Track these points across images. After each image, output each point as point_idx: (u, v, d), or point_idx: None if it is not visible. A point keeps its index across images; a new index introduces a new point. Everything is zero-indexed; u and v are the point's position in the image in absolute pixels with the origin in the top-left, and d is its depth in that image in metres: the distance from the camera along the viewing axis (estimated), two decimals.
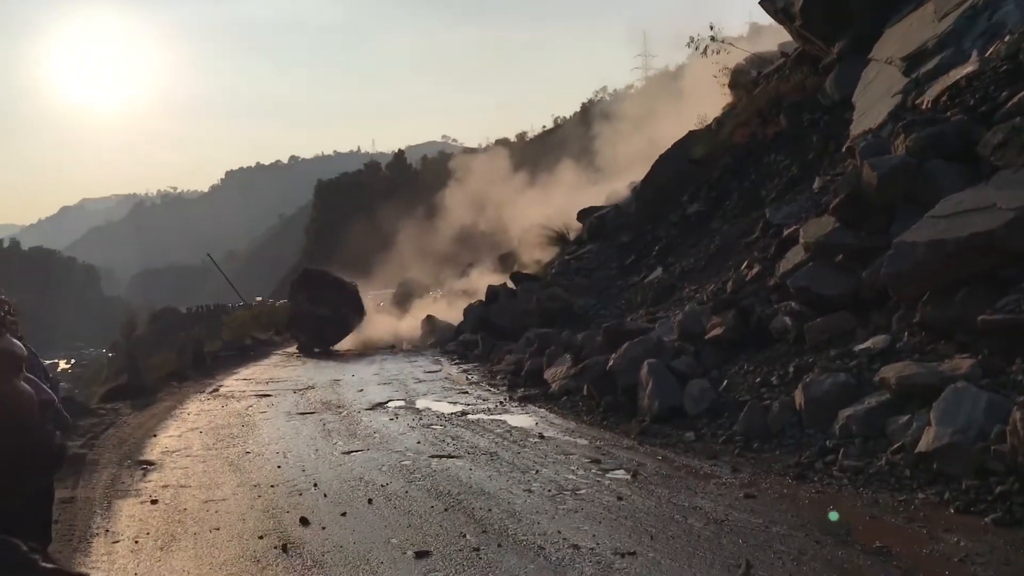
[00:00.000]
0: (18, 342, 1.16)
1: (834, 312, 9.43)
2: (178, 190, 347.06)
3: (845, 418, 7.59)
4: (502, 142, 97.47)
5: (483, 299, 21.19)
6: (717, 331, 10.56)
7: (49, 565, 1.04)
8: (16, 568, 1.03)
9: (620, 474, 7.67)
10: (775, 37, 23.50)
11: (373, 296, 47.14)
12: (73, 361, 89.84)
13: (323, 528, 6.44)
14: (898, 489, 6.39)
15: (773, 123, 17.25)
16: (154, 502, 7.53)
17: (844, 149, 13.16)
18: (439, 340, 22.35)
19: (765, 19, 21.79)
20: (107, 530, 6.74)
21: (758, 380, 9.38)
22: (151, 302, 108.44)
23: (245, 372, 18.84)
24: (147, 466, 9.10)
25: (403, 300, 38.35)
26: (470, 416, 11.24)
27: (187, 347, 20.03)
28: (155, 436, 10.96)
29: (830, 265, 10.03)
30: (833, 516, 6.14)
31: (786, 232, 12.11)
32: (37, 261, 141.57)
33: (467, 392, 13.52)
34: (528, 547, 5.74)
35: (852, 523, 5.84)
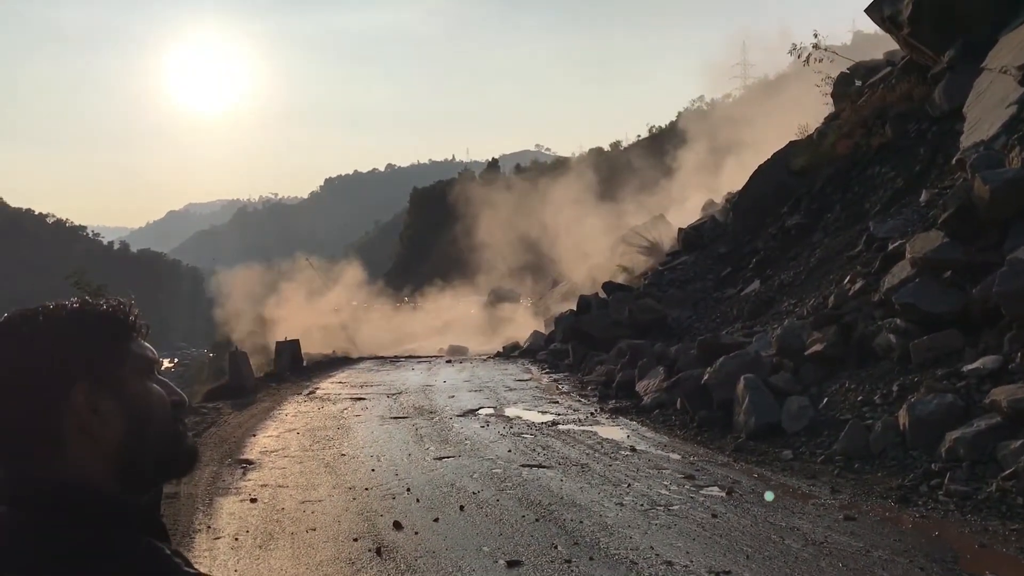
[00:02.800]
0: (148, 345, 1.21)
1: (941, 330, 9.09)
2: (279, 196, 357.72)
3: (952, 441, 7.30)
4: (595, 151, 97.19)
5: (574, 308, 21.15)
6: (817, 347, 10.29)
7: (191, 571, 1.07)
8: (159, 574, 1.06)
9: (715, 491, 7.53)
10: (880, 46, 22.87)
11: (466, 302, 47.62)
12: (177, 360, 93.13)
13: (416, 533, 6.51)
14: (1010, 517, 6.11)
15: (878, 134, 16.76)
16: (253, 501, 7.73)
17: (954, 161, 12.69)
18: (530, 348, 22.42)
19: (870, 27, 21.24)
20: (209, 527, 6.95)
21: (860, 398, 9.10)
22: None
23: (340, 375, 19.20)
24: (247, 465, 9.35)
25: (495, 308, 38.66)
26: (561, 426, 11.21)
27: (285, 349, 20.49)
28: (254, 436, 11.25)
29: (938, 281, 9.68)
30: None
31: (891, 246, 11.74)
32: (145, 263, 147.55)
33: (557, 402, 13.49)
34: (620, 561, 5.68)
35: (960, 551, 5.61)
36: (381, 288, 49.39)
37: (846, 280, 12.25)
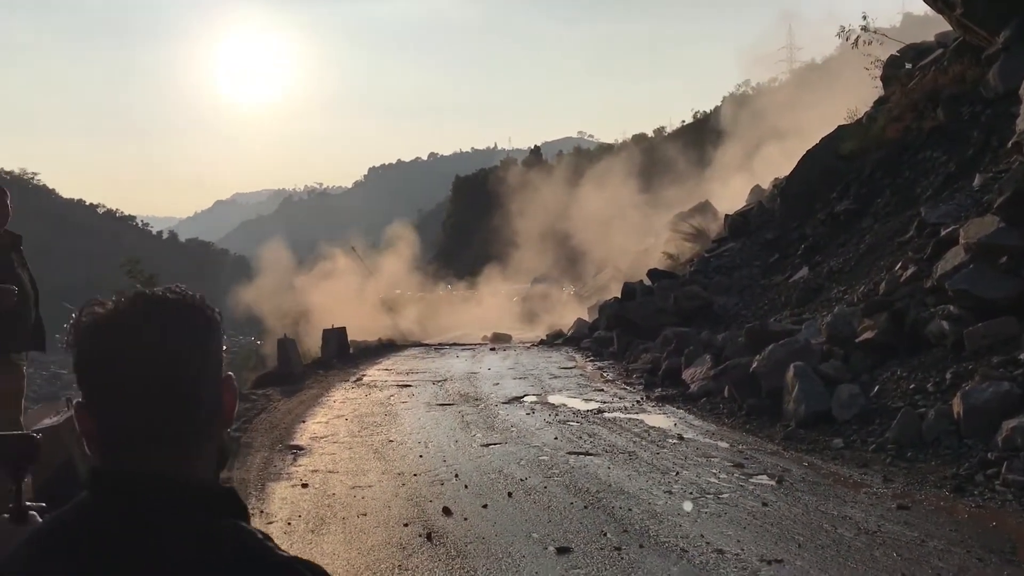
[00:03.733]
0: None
1: (997, 317, 8.91)
2: (323, 185, 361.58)
3: (1009, 430, 7.17)
4: (639, 138, 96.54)
5: (618, 296, 21.05)
6: (868, 334, 10.15)
7: (284, 554, 1.08)
8: (252, 557, 1.06)
9: (764, 479, 7.48)
10: (931, 27, 22.40)
11: (509, 289, 47.70)
12: (225, 348, 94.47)
13: (465, 519, 6.55)
14: None
15: (929, 117, 16.42)
16: (304, 486, 7.83)
17: (1010, 144, 12.42)
18: (574, 336, 22.40)
19: (919, 9, 20.83)
20: (262, 511, 7.05)
21: (912, 386, 8.96)
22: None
23: (386, 362, 19.35)
24: (297, 451, 9.47)
25: (538, 296, 38.66)
26: (606, 414, 11.19)
27: (332, 336, 20.68)
28: (304, 422, 11.39)
29: (993, 267, 9.48)
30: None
31: (943, 232, 11.52)
32: (193, 252, 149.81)
33: (603, 390, 13.46)
34: (670, 549, 5.67)
35: (1018, 541, 5.51)
36: (424, 276, 49.61)
37: (897, 266, 12.05)
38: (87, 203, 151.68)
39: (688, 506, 6.66)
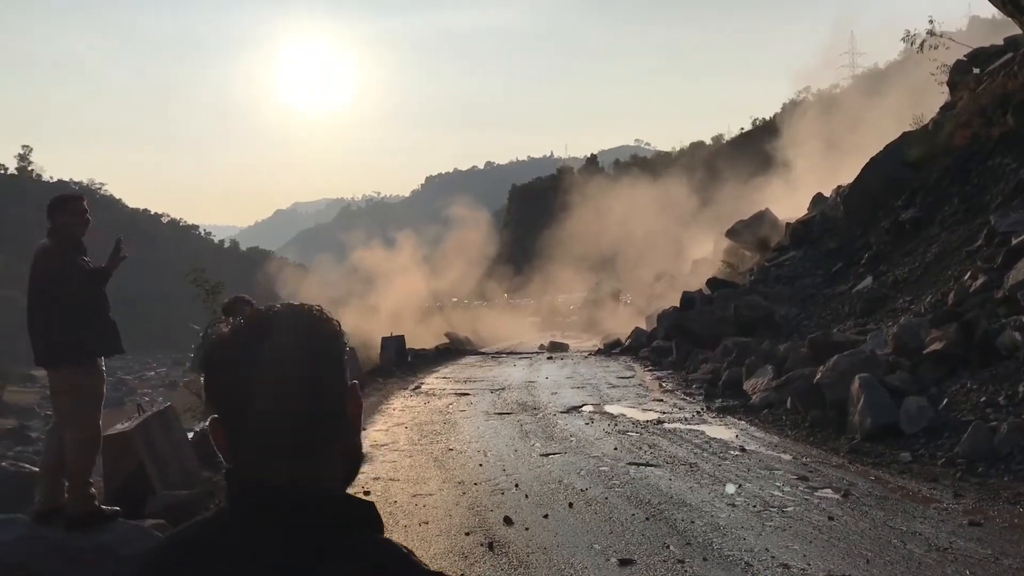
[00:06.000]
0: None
1: None
2: (381, 195, 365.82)
3: None
4: (697, 145, 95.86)
5: (677, 305, 20.88)
6: (936, 345, 9.91)
7: (430, 570, 1.07)
8: (399, 572, 1.07)
9: (829, 493, 7.34)
10: (999, 31, 21.89)
11: (567, 298, 47.62)
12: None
13: (526, 529, 6.55)
14: None
15: (999, 123, 16.01)
16: (367, 493, 7.89)
17: None
18: (632, 345, 22.26)
19: (987, 12, 20.37)
20: None
21: (983, 399, 8.73)
22: None
23: (444, 370, 19.47)
24: None
25: (596, 304, 38.62)
26: (666, 424, 11.11)
27: (390, 344, 20.87)
28: (364, 429, 11.36)
29: None
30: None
31: (1015, 240, 11.24)
32: (253, 261, 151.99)
33: (662, 400, 13.36)
34: (735, 563, 5.60)
35: None
36: (483, 283, 49.79)
37: (966, 276, 11.76)
38: (152, 212, 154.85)
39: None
